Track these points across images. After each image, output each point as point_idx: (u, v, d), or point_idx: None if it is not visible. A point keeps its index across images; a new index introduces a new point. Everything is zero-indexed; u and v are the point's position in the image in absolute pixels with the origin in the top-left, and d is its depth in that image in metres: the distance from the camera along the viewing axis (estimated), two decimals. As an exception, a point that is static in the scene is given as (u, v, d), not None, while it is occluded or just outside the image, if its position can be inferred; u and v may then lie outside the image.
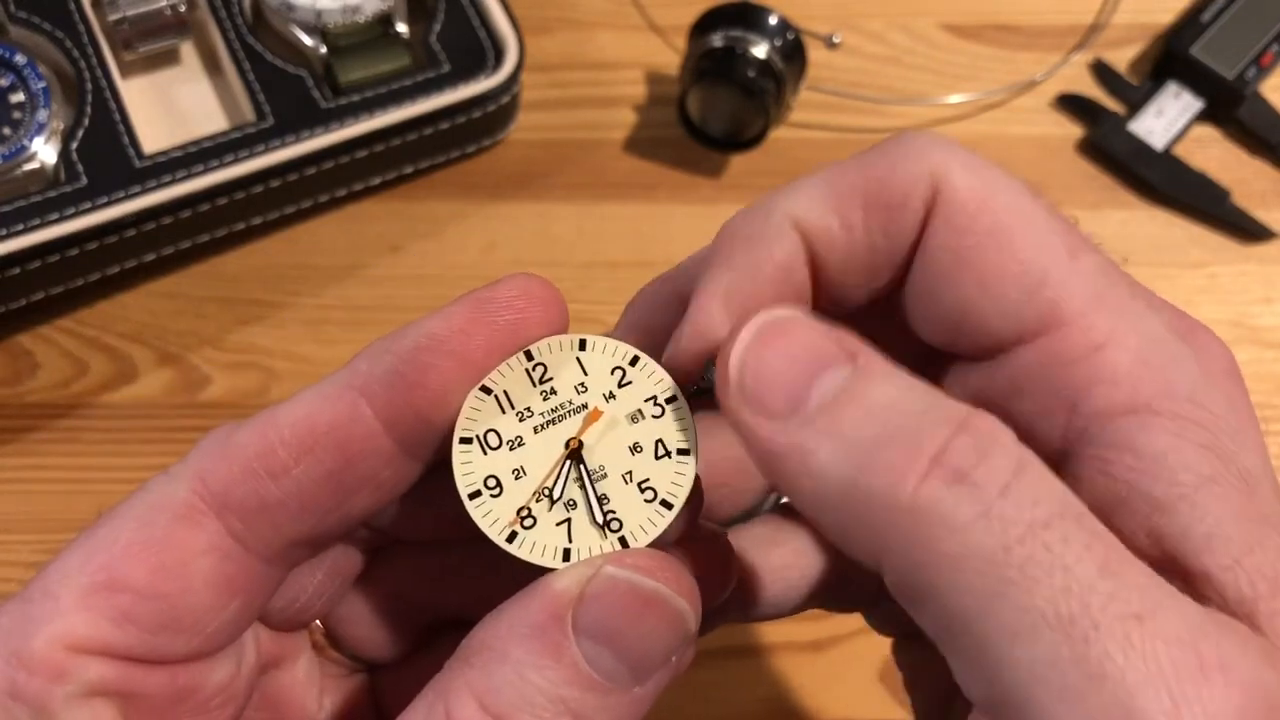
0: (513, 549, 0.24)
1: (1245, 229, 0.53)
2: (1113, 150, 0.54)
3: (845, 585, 0.30)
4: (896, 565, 0.20)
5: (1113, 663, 0.18)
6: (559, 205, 0.53)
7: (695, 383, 0.25)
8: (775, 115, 0.52)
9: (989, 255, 0.23)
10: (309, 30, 0.52)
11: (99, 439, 0.49)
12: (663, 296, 0.27)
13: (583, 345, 0.25)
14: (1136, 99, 0.55)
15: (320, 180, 0.51)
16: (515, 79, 0.52)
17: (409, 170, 0.53)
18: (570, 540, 0.24)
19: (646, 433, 0.24)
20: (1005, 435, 0.20)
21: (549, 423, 0.25)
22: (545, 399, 0.25)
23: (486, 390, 0.25)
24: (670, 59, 0.56)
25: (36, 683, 0.22)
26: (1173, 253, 0.53)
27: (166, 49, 0.53)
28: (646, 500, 0.24)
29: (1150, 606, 0.19)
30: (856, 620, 0.33)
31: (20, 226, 0.47)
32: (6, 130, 0.49)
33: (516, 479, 0.24)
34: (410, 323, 0.25)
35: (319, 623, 0.29)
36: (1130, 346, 0.22)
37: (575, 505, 0.24)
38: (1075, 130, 0.55)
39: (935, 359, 0.25)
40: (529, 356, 0.25)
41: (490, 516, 0.24)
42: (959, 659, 0.20)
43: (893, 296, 0.25)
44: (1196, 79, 0.55)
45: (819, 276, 0.25)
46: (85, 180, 0.49)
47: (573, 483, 0.24)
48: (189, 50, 0.54)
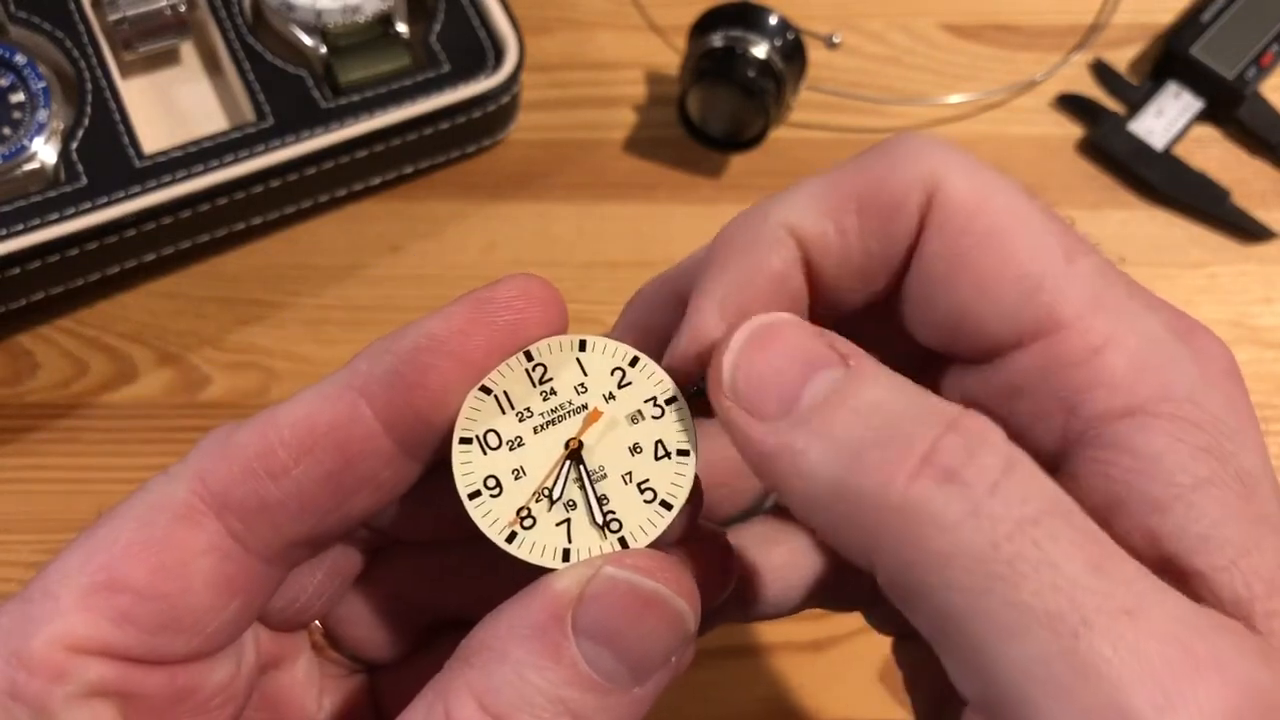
0: (512, 549, 0.24)
1: (1245, 229, 0.53)
2: (1113, 150, 0.54)
3: (844, 584, 0.30)
4: (888, 564, 0.20)
5: (1103, 659, 0.18)
6: (559, 205, 0.53)
7: (695, 383, 0.25)
8: (775, 115, 0.52)
9: (985, 259, 0.23)
10: (309, 30, 0.52)
11: (99, 439, 0.49)
12: (661, 297, 0.27)
13: (582, 346, 0.25)
14: (1136, 99, 0.55)
15: (320, 180, 0.51)
16: (515, 79, 0.52)
17: (409, 170, 0.53)
18: (570, 540, 0.24)
19: (646, 433, 0.25)
20: (995, 434, 0.21)
21: (549, 423, 0.25)
22: (545, 399, 0.25)
23: (486, 390, 0.25)
24: (670, 59, 0.56)
25: (36, 683, 0.22)
26: (1173, 253, 0.53)
27: (166, 49, 0.53)
28: (646, 501, 0.24)
29: (1141, 603, 0.19)
30: (856, 620, 0.33)
31: (20, 226, 0.47)
32: (6, 130, 0.49)
33: (516, 479, 0.24)
34: (410, 323, 0.25)
35: (318, 623, 0.29)
36: (1128, 348, 0.22)
37: (575, 505, 0.24)
38: (1075, 130, 0.55)
39: (933, 362, 0.25)
40: (529, 357, 0.25)
41: (490, 517, 0.24)
42: (951, 657, 0.20)
43: (890, 300, 0.25)
44: (1196, 79, 0.55)
45: (815, 282, 0.25)
46: (85, 180, 0.49)
47: (572, 483, 0.24)
48: (189, 50, 0.54)
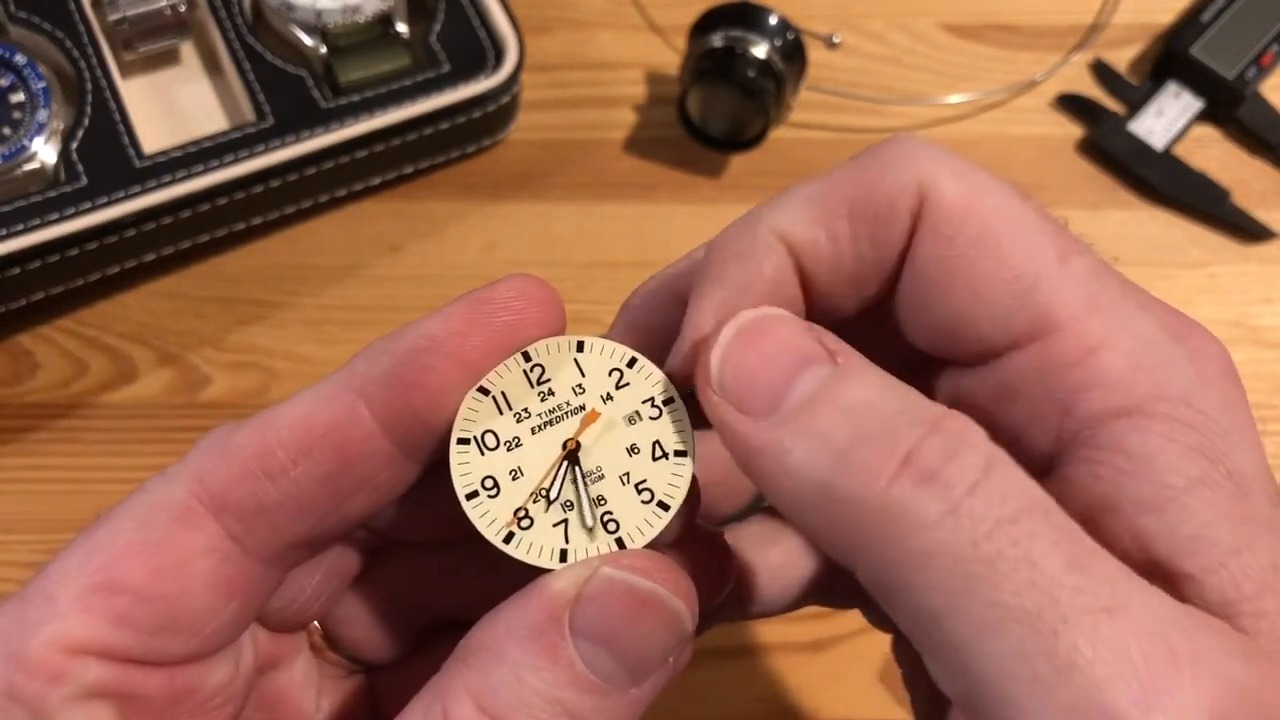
0: (510, 550, 0.24)
1: (1245, 229, 0.53)
2: (1113, 150, 0.54)
3: (842, 582, 0.30)
4: (869, 563, 0.20)
5: (1081, 656, 0.18)
6: (559, 205, 0.53)
7: (692, 385, 0.25)
8: (775, 115, 0.52)
9: (978, 262, 0.23)
10: (309, 30, 0.52)
11: (99, 439, 0.49)
12: (658, 298, 0.27)
13: (580, 347, 0.25)
14: (1136, 99, 0.55)
15: (320, 180, 0.51)
16: (515, 79, 0.52)
17: (409, 170, 0.53)
18: (567, 541, 0.24)
19: (644, 434, 0.25)
20: (976, 434, 0.21)
21: (546, 424, 0.25)
22: (543, 400, 0.25)
23: (484, 391, 0.25)
24: (670, 59, 0.56)
25: (34, 684, 0.22)
26: (1173, 253, 0.53)
27: (166, 49, 0.53)
28: (644, 501, 0.24)
29: (1120, 600, 0.19)
30: (856, 620, 0.33)
31: (20, 226, 0.47)
32: (6, 130, 0.49)
33: (514, 480, 0.24)
34: (408, 323, 0.25)
35: (317, 624, 0.29)
36: (1123, 349, 0.22)
37: (572, 506, 0.24)
38: (1075, 130, 0.55)
39: (928, 364, 0.25)
40: (527, 357, 0.25)
41: (487, 517, 0.24)
42: (933, 656, 0.20)
43: (884, 303, 0.25)
44: (1196, 79, 0.55)
45: (809, 288, 0.24)
46: (85, 180, 0.49)
47: (570, 484, 0.24)
48: (189, 50, 0.54)
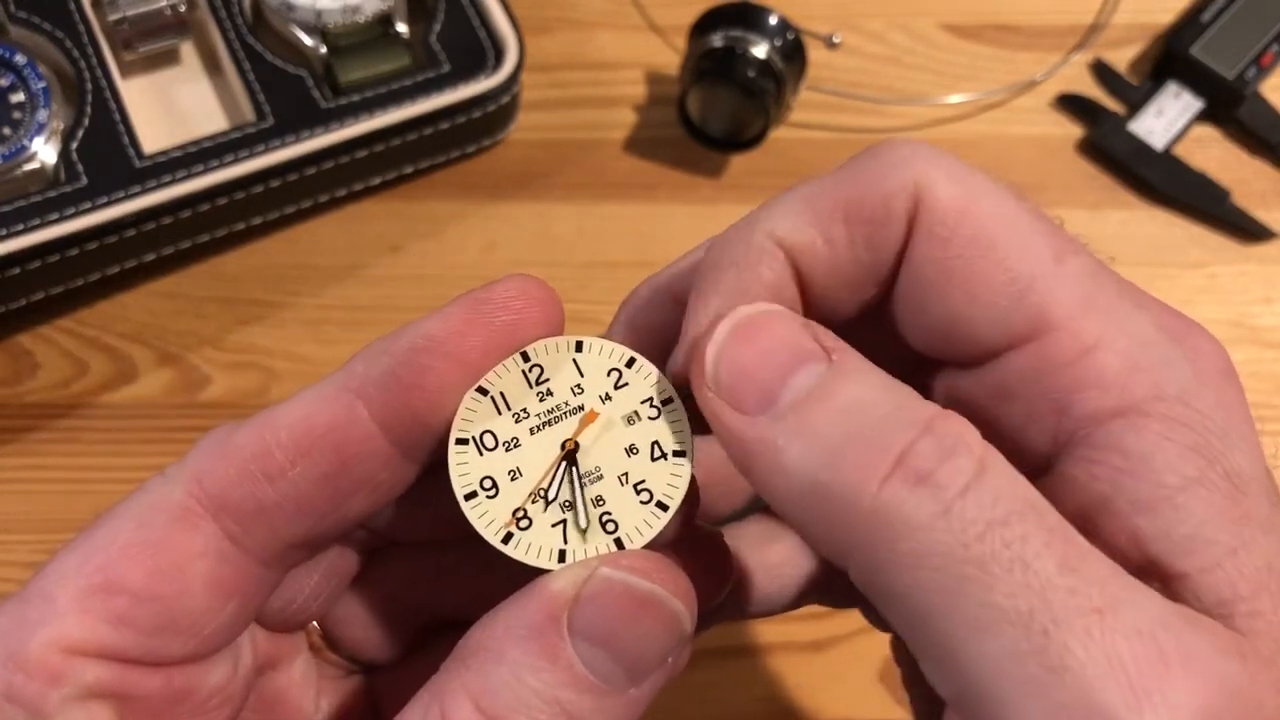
0: (508, 550, 0.24)
1: (1245, 229, 0.53)
2: (1113, 150, 0.54)
3: (840, 581, 0.30)
4: (861, 564, 0.20)
5: (1073, 656, 0.19)
6: (559, 205, 0.53)
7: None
8: (775, 115, 0.52)
9: (974, 264, 0.23)
10: (309, 30, 0.52)
11: (99, 439, 0.49)
12: (657, 298, 0.27)
13: (579, 347, 0.25)
14: (1136, 99, 0.55)
15: (320, 180, 0.51)
16: (515, 79, 0.52)
17: (409, 170, 0.53)
18: (566, 541, 0.24)
19: (642, 434, 0.24)
20: (970, 435, 0.21)
21: (545, 424, 0.25)
22: (541, 400, 0.25)
23: (483, 391, 0.25)
24: (670, 59, 0.56)
25: (33, 685, 0.22)
26: (1173, 253, 0.53)
27: (166, 49, 0.53)
28: (643, 502, 0.24)
29: (1110, 601, 0.19)
30: (856, 620, 0.32)
31: (20, 226, 0.47)
32: (6, 130, 0.49)
33: (512, 480, 0.24)
34: (407, 324, 0.25)
35: (316, 624, 0.29)
36: (1120, 349, 0.22)
37: (571, 506, 0.24)
38: (1075, 130, 0.55)
39: (925, 364, 0.25)
40: (525, 358, 0.25)
41: (486, 518, 0.24)
42: (926, 657, 0.20)
43: (882, 305, 0.25)
44: (1196, 79, 0.55)
45: (807, 292, 0.24)
46: (85, 180, 0.49)
47: (568, 484, 0.24)
48: (189, 50, 0.54)
